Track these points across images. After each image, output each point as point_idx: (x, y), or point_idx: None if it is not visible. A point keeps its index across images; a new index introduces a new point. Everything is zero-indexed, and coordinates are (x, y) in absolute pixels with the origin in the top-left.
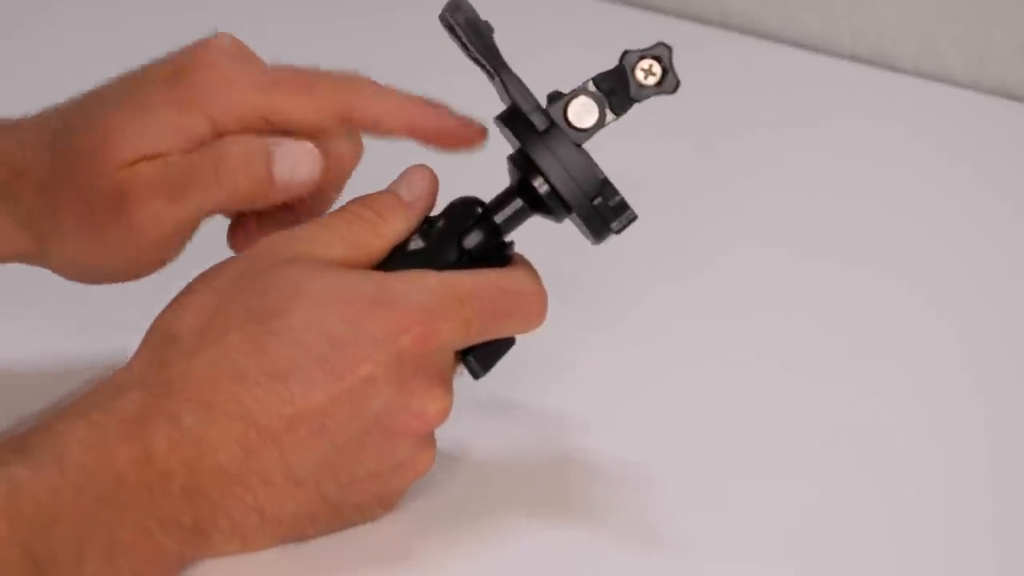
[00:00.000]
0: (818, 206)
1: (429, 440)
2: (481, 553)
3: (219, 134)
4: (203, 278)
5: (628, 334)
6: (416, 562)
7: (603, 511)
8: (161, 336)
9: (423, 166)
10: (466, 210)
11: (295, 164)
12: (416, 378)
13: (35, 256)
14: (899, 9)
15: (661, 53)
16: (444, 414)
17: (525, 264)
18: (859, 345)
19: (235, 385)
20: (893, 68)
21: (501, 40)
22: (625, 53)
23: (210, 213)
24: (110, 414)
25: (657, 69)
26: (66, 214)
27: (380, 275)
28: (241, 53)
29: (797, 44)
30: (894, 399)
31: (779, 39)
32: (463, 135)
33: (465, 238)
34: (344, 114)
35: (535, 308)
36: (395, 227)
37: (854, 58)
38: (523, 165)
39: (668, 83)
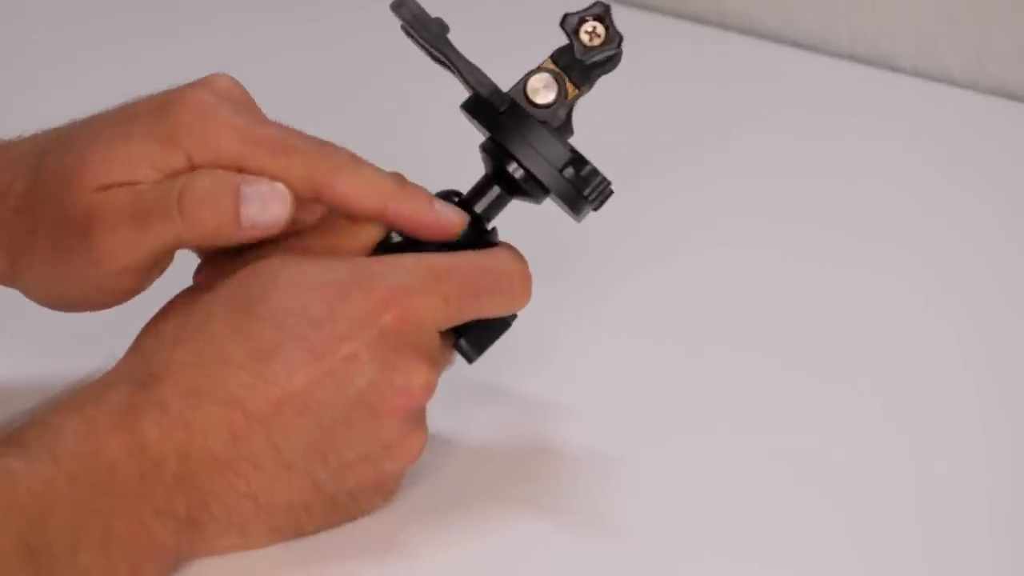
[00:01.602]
0: (817, 206)
1: (418, 420)
2: (474, 543)
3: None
4: (187, 288)
5: (622, 324)
6: (409, 553)
7: (595, 501)
8: (145, 335)
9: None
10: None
11: (264, 204)
12: (398, 354)
13: (9, 277)
14: (898, 9)
15: (600, 11)
16: (428, 389)
17: (508, 246)
18: (857, 344)
19: (220, 369)
20: (892, 68)
21: (500, 40)
22: (565, 17)
23: (177, 246)
24: (101, 407)
25: (600, 30)
26: (40, 236)
27: (358, 259)
28: (234, 97)
29: (795, 44)
30: (892, 398)
31: (777, 39)
32: (436, 228)
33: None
34: (315, 188)
35: (518, 285)
36: (369, 229)
37: (853, 58)
38: (495, 152)
39: (612, 39)
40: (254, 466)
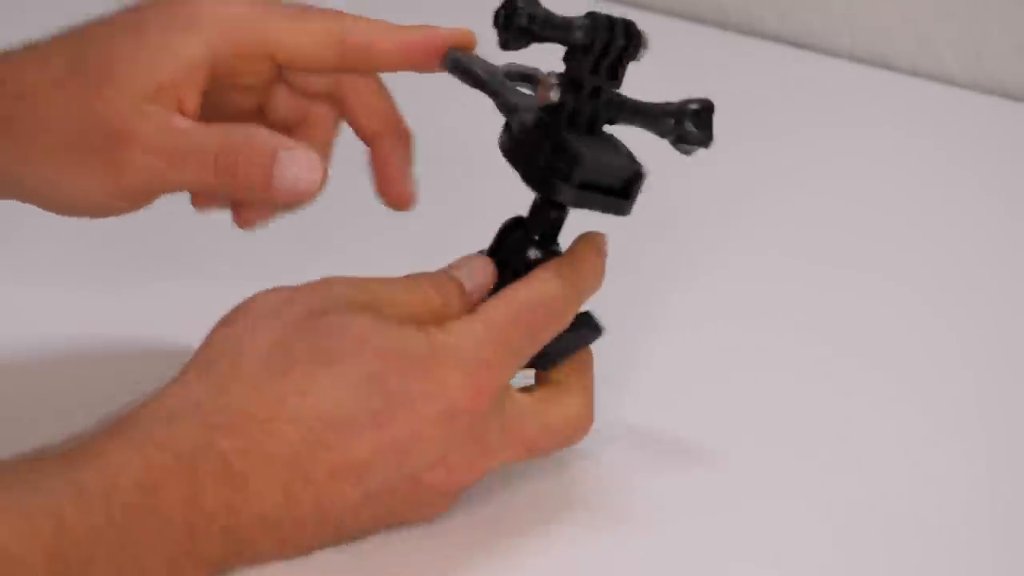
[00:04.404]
0: (816, 206)
1: (455, 493)
2: (486, 562)
3: (215, 59)
4: (271, 303)
5: (639, 337)
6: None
7: (610, 518)
8: (222, 353)
9: (483, 257)
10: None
11: (297, 174)
12: (461, 437)
13: (9, 166)
14: (897, 9)
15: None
16: (478, 475)
17: (545, 266)
18: (857, 346)
19: (289, 427)
20: (891, 68)
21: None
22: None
23: (204, 190)
24: (164, 451)
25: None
26: (53, 128)
27: (433, 331)
28: None
29: (795, 44)
30: (893, 401)
31: (777, 39)
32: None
33: (528, 256)
34: (339, 39)
35: (564, 309)
36: (450, 301)
37: (852, 58)
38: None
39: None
40: (295, 525)
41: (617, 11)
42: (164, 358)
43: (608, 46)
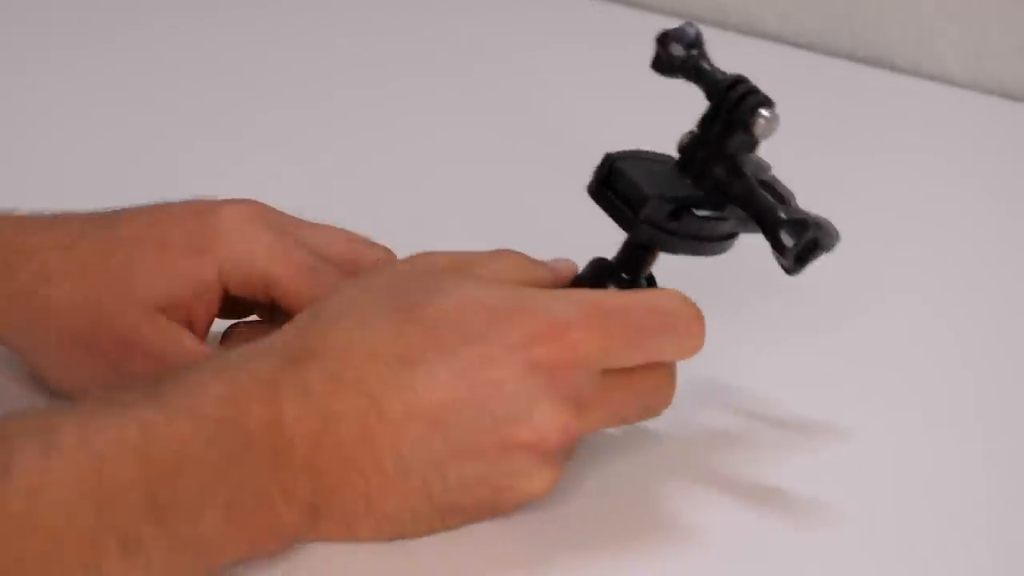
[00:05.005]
0: (815, 206)
1: (550, 460)
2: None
3: (227, 284)
4: (356, 279)
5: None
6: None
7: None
8: (305, 313)
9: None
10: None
11: None
12: (544, 391)
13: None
14: (898, 9)
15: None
16: (566, 434)
17: (676, 291)
18: (855, 346)
19: (365, 362)
20: (892, 68)
21: (499, 40)
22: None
23: None
24: (245, 373)
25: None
26: (66, 315)
27: (526, 288)
28: (265, 216)
29: (795, 44)
30: (893, 401)
31: (777, 39)
32: None
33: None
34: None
35: (690, 329)
36: (537, 275)
37: (852, 58)
38: None
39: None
40: (375, 467)
41: (616, 11)
42: None
43: (725, 109)
